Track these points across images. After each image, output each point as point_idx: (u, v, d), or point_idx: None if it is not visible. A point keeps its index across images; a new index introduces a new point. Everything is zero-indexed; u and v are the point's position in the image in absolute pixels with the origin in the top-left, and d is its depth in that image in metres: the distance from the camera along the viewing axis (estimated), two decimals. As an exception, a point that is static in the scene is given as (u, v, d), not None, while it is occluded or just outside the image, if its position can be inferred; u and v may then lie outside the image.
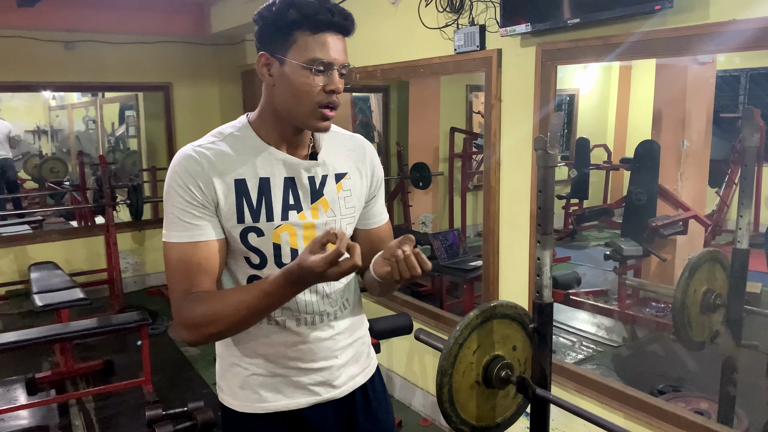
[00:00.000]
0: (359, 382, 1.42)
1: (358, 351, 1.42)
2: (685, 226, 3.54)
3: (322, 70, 1.17)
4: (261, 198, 1.23)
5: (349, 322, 1.39)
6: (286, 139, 1.27)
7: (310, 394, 1.33)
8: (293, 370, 1.31)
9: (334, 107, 1.21)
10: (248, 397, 1.32)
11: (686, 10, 1.87)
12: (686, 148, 3.56)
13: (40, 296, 3.80)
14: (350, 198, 1.33)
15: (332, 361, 1.35)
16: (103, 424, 3.28)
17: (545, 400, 1.70)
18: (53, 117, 9.92)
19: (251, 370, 1.32)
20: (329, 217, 1.29)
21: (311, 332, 1.31)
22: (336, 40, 1.19)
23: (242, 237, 1.23)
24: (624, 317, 3.66)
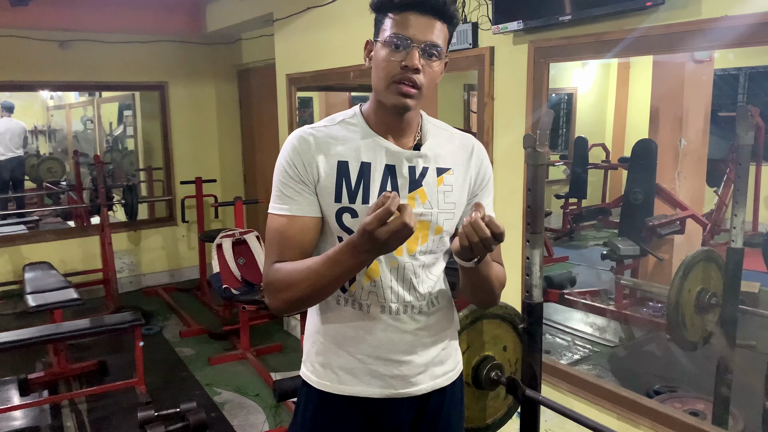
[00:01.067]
0: (439, 384, 1.38)
1: (443, 353, 1.39)
2: (682, 226, 3.51)
3: (398, 45, 1.19)
4: (360, 181, 1.26)
5: (436, 321, 1.36)
6: (392, 127, 1.29)
7: (385, 386, 1.32)
8: (372, 358, 1.31)
9: (413, 84, 1.20)
10: (327, 376, 1.34)
11: (678, 6, 1.85)
12: (684, 147, 3.54)
13: (33, 296, 3.78)
14: (450, 193, 1.31)
15: (412, 356, 1.32)
16: (95, 425, 3.26)
17: (535, 401, 1.68)
18: (51, 117, 9.91)
19: (333, 350, 1.33)
20: (426, 208, 1.28)
21: (394, 322, 1.30)
22: (421, 19, 1.19)
23: (338, 216, 1.26)
24: (620, 317, 3.64)
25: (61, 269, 4.76)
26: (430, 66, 1.21)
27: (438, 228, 1.30)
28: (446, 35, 1.24)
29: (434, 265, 1.34)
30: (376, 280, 1.28)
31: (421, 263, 1.30)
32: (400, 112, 1.25)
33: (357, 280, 1.28)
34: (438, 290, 1.36)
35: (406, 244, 1.24)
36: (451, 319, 1.43)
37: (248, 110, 5.86)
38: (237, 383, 3.71)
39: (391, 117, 1.27)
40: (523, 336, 1.73)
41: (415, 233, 1.23)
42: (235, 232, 4.00)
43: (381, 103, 1.27)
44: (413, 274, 1.30)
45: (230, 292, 3.71)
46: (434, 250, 1.31)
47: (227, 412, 3.37)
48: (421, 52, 1.20)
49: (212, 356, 4.06)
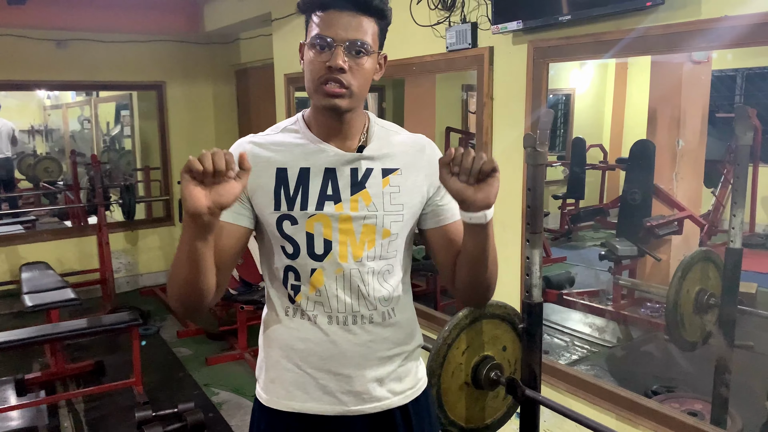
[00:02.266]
0: (396, 403, 1.30)
1: (401, 369, 1.31)
2: (680, 226, 3.52)
3: (322, 46, 1.16)
4: (298, 187, 1.22)
5: (392, 334, 1.28)
6: (333, 130, 1.24)
7: (337, 403, 1.26)
8: (322, 372, 1.25)
9: (340, 84, 1.17)
10: (277, 392, 1.29)
11: (678, 6, 1.86)
12: (681, 148, 3.54)
13: (30, 296, 3.77)
14: (398, 195, 1.25)
15: (364, 371, 1.25)
16: (92, 425, 3.25)
17: (535, 401, 1.68)
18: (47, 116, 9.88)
19: (282, 364, 1.28)
20: (370, 210, 1.22)
21: (343, 333, 1.24)
22: (344, 16, 1.16)
23: (278, 224, 1.22)
24: (618, 317, 3.64)
25: (58, 269, 4.74)
26: (358, 64, 1.17)
27: (385, 231, 1.23)
28: (376, 30, 1.20)
29: (387, 273, 1.26)
30: (320, 289, 1.22)
31: (369, 269, 1.23)
32: (333, 114, 1.21)
33: (302, 290, 1.23)
34: (395, 301, 1.28)
35: (351, 249, 1.21)
36: (412, 335, 1.35)
37: (246, 110, 5.85)
38: (235, 383, 3.70)
39: (330, 120, 1.23)
40: (522, 336, 1.73)
41: (360, 238, 1.22)
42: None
43: (317, 107, 1.24)
44: (360, 281, 1.23)
45: (228, 293, 3.70)
46: (384, 255, 1.24)
47: (225, 413, 3.36)
48: (346, 50, 1.16)
49: (210, 356, 4.05)
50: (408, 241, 1.30)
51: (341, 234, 1.21)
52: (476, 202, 1.09)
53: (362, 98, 1.23)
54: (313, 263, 1.22)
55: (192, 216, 1.03)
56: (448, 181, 1.10)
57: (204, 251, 1.08)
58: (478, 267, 1.21)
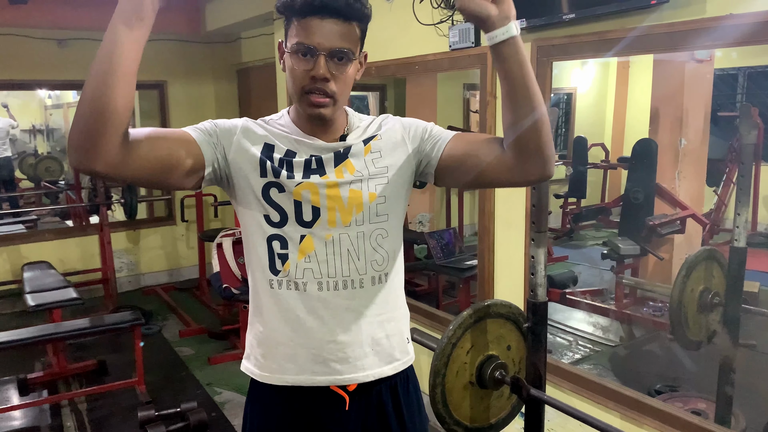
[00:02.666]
0: (386, 372, 1.32)
1: (393, 339, 1.33)
2: (682, 225, 3.52)
3: (305, 55, 1.17)
4: (283, 161, 1.24)
5: (381, 299, 1.30)
6: (318, 129, 1.27)
7: (329, 372, 1.27)
8: (313, 342, 1.26)
9: (323, 93, 1.18)
10: (270, 367, 1.30)
11: (683, 4, 1.85)
12: (684, 147, 3.54)
13: (32, 296, 3.77)
14: (380, 159, 1.28)
15: (355, 336, 1.27)
16: (95, 425, 3.25)
17: (540, 400, 1.67)
18: (48, 116, 9.88)
19: (273, 338, 1.29)
20: (356, 176, 1.25)
21: (333, 298, 1.25)
22: (324, 24, 1.16)
23: (264, 192, 1.23)
24: (621, 317, 3.64)
25: (59, 269, 4.74)
26: (340, 71, 1.19)
27: (371, 195, 1.26)
28: (356, 34, 1.20)
29: (381, 237, 1.28)
30: (310, 255, 1.24)
31: (358, 233, 1.26)
32: (317, 121, 1.25)
33: (291, 258, 1.24)
34: (388, 266, 1.31)
35: (340, 215, 1.24)
36: (403, 308, 1.38)
37: (247, 109, 5.85)
38: (237, 383, 3.70)
39: (314, 121, 1.26)
40: (527, 335, 1.72)
41: (348, 202, 1.24)
42: (235, 231, 3.99)
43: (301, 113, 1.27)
44: (350, 246, 1.25)
45: (230, 292, 3.70)
46: (373, 219, 1.27)
47: (227, 412, 3.36)
48: (328, 59, 1.17)
49: (212, 356, 4.05)
50: (399, 206, 1.32)
51: (329, 200, 1.24)
52: (501, 13, 1.08)
53: (345, 101, 1.26)
54: (302, 230, 1.24)
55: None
56: (467, 3, 1.08)
57: (124, 40, 1.00)
58: (525, 97, 1.12)
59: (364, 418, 1.33)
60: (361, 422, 1.33)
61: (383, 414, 1.34)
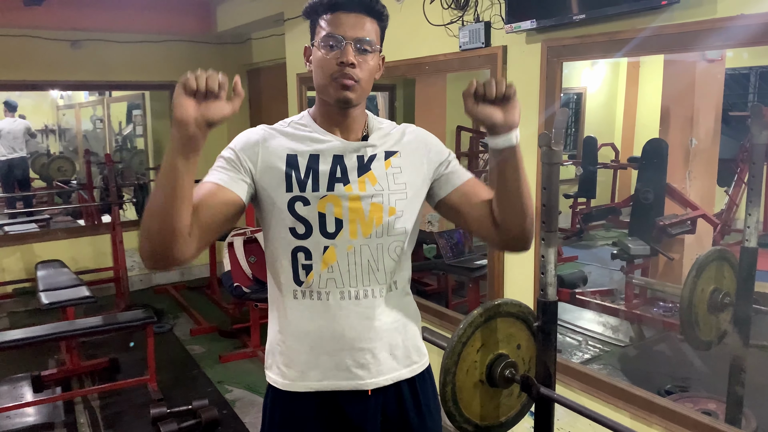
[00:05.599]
0: (404, 375, 1.38)
1: (409, 343, 1.40)
2: (693, 226, 3.50)
3: (332, 45, 1.26)
4: (309, 171, 1.29)
5: (396, 306, 1.37)
6: (339, 124, 1.34)
7: (351, 377, 1.32)
8: (335, 350, 1.31)
9: (352, 79, 1.26)
10: (292, 376, 1.34)
11: (693, 5, 1.85)
12: (695, 147, 3.53)
13: (46, 294, 3.82)
14: (400, 174, 1.34)
15: (376, 343, 1.33)
16: (107, 421, 3.28)
17: (550, 399, 1.68)
18: (61, 116, 9.97)
19: (295, 348, 1.33)
20: (377, 190, 1.31)
21: (355, 308, 1.31)
22: (350, 17, 1.27)
23: (289, 206, 1.28)
24: (631, 317, 3.63)
25: (72, 267, 4.79)
26: (365, 60, 1.28)
27: (391, 209, 1.31)
28: (377, 30, 1.31)
29: (397, 248, 1.34)
30: (332, 266, 1.29)
31: (377, 245, 1.31)
32: (344, 106, 1.30)
33: (315, 269, 1.29)
34: (402, 275, 1.38)
35: (361, 226, 1.29)
36: (412, 307, 1.44)
37: (258, 110, 5.88)
38: (248, 381, 3.72)
39: (337, 115, 1.33)
40: (537, 334, 1.73)
41: (369, 215, 1.29)
42: (246, 230, 4.02)
43: (325, 102, 1.33)
44: (370, 257, 1.31)
45: (241, 290, 3.73)
46: (391, 232, 1.32)
47: (238, 410, 3.38)
48: (354, 47, 1.26)
49: (223, 354, 4.08)
50: (415, 220, 1.37)
51: (351, 212, 1.29)
52: (506, 122, 1.21)
53: (367, 93, 1.33)
54: (325, 241, 1.28)
55: (178, 124, 1.08)
56: (475, 109, 1.20)
57: (183, 171, 1.10)
58: (515, 196, 1.28)
59: (384, 407, 1.37)
60: (381, 411, 1.37)
61: (402, 402, 1.39)
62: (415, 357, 1.42)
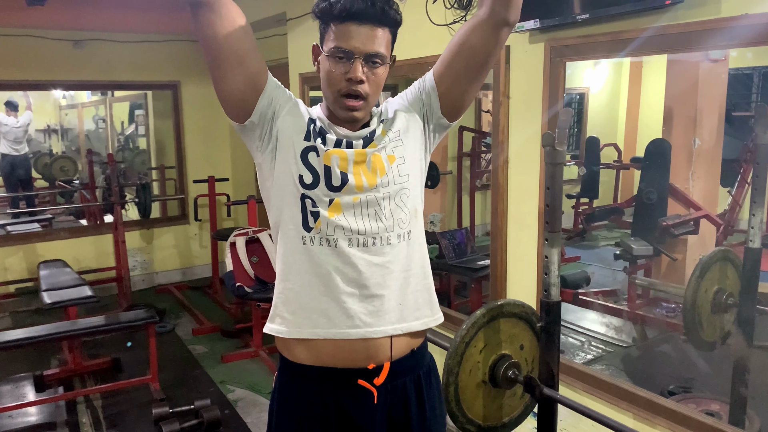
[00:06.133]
0: (415, 327, 1.38)
1: (418, 295, 1.39)
2: (696, 226, 3.49)
3: (341, 58, 1.25)
4: (320, 132, 1.34)
5: (407, 255, 1.37)
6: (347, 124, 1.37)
7: (361, 324, 1.32)
8: (344, 295, 1.31)
9: (358, 96, 1.27)
10: (299, 323, 1.34)
11: (698, 4, 1.85)
12: (698, 147, 3.52)
13: (48, 294, 3.82)
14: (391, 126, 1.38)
15: (385, 290, 1.33)
16: (110, 421, 3.29)
17: (553, 399, 1.68)
18: (63, 116, 9.98)
19: (305, 293, 1.33)
20: (378, 147, 1.35)
21: (363, 254, 1.31)
22: (361, 29, 1.25)
23: (303, 154, 1.31)
24: (634, 317, 3.62)
25: (74, 267, 4.79)
26: (374, 74, 1.29)
27: (390, 157, 1.35)
28: (389, 39, 1.31)
29: (405, 195, 1.36)
30: (339, 216, 1.31)
31: (384, 194, 1.33)
32: (350, 121, 1.34)
33: (321, 215, 1.30)
34: (411, 223, 1.38)
35: (365, 178, 1.32)
36: (424, 262, 1.43)
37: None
38: (250, 381, 3.72)
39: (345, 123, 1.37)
40: (540, 335, 1.73)
41: (372, 166, 1.32)
42: (248, 230, 4.01)
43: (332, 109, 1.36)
44: (377, 206, 1.33)
45: (243, 290, 3.72)
46: (396, 179, 1.35)
47: (240, 410, 3.38)
48: (364, 62, 1.25)
49: (225, 354, 4.08)
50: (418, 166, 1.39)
51: (355, 166, 1.32)
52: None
53: (375, 102, 1.35)
54: (330, 194, 1.31)
55: None
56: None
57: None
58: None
59: (390, 410, 1.37)
60: (387, 414, 1.37)
61: (407, 405, 1.39)
62: (426, 311, 1.41)
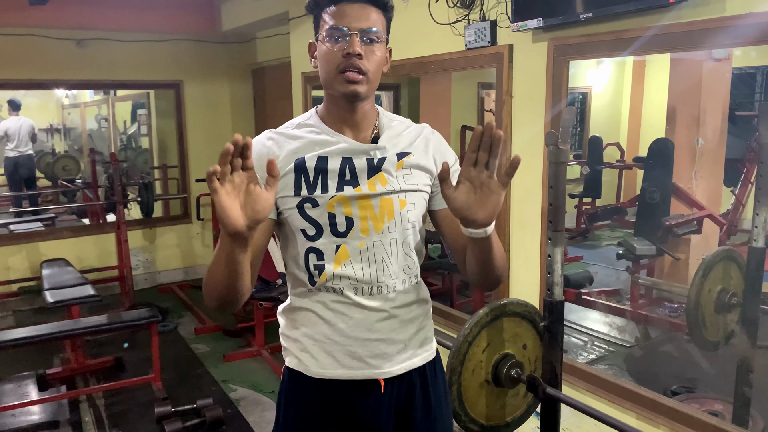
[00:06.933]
0: (417, 363, 1.38)
1: (422, 333, 1.40)
2: (699, 226, 3.48)
3: (338, 38, 1.23)
4: (318, 173, 1.28)
5: (410, 297, 1.36)
6: (347, 121, 1.31)
7: (365, 367, 1.32)
8: (350, 339, 1.31)
9: (357, 70, 1.23)
10: (307, 362, 1.34)
11: (701, 3, 1.84)
12: (701, 147, 3.51)
13: (51, 293, 3.82)
14: (410, 176, 1.32)
15: (391, 335, 1.33)
16: (112, 420, 3.29)
17: (556, 399, 1.67)
18: (66, 115, 9.99)
19: (310, 335, 1.33)
20: (387, 189, 1.29)
21: (369, 302, 1.30)
22: (355, 8, 1.24)
23: (299, 208, 1.27)
24: (637, 317, 3.62)
25: (77, 266, 4.80)
26: (371, 51, 1.25)
27: (402, 201, 1.30)
28: (383, 21, 1.28)
29: (409, 242, 1.33)
30: (345, 264, 1.28)
31: (391, 240, 1.30)
32: (352, 100, 1.27)
33: (327, 269, 1.28)
34: (416, 268, 1.37)
35: (372, 223, 1.28)
36: (425, 296, 1.42)
37: (263, 109, 5.88)
38: (252, 380, 3.72)
39: (345, 111, 1.29)
40: (543, 334, 1.72)
41: (380, 211, 1.28)
42: (250, 229, 4.01)
43: (333, 98, 1.30)
44: (384, 252, 1.30)
45: (246, 290, 3.72)
46: (404, 225, 1.31)
47: (243, 409, 3.38)
48: (360, 38, 1.23)
49: (227, 353, 4.08)
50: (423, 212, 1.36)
51: (361, 210, 1.27)
52: (477, 221, 1.14)
53: (376, 86, 1.29)
54: (337, 240, 1.28)
55: (232, 236, 1.07)
56: (450, 197, 1.13)
57: (242, 259, 1.12)
58: (485, 266, 1.26)
59: (396, 403, 1.37)
60: (394, 407, 1.37)
61: (411, 395, 1.39)
62: (426, 346, 1.42)
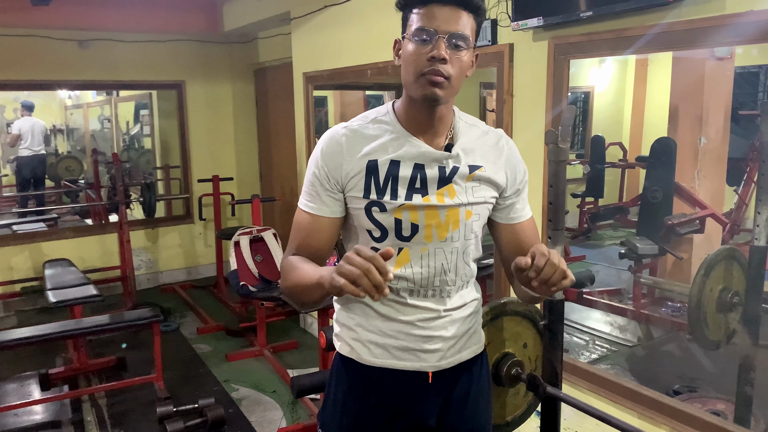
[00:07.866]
0: (465, 357, 1.41)
1: (471, 331, 1.42)
2: (702, 225, 3.47)
3: (425, 39, 1.20)
4: (388, 178, 1.28)
5: (464, 299, 1.39)
6: (423, 125, 1.30)
7: (416, 360, 1.35)
8: (402, 334, 1.34)
9: (441, 75, 1.21)
10: (360, 350, 1.37)
11: (702, 1, 1.84)
12: (703, 146, 3.50)
13: (53, 293, 3.83)
14: (479, 189, 1.33)
15: (443, 332, 1.35)
16: (114, 419, 3.29)
17: (556, 398, 1.67)
18: (69, 116, 10.01)
19: (363, 326, 1.36)
20: (455, 201, 1.30)
21: (424, 303, 1.34)
22: (445, 10, 1.21)
23: (366, 210, 1.29)
24: (639, 316, 3.61)
25: (79, 266, 4.81)
26: (458, 57, 1.21)
27: (468, 212, 1.31)
28: (473, 26, 1.24)
29: (466, 250, 1.35)
30: (405, 266, 1.31)
31: (452, 249, 1.32)
32: (431, 104, 1.25)
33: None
34: (469, 275, 1.39)
35: (437, 231, 1.29)
36: (478, 296, 1.45)
37: (264, 109, 5.89)
38: (254, 380, 3.73)
39: (423, 113, 1.28)
40: (544, 333, 1.72)
41: (446, 220, 1.29)
42: (252, 229, 4.02)
43: (412, 99, 1.28)
44: (444, 260, 1.32)
45: (248, 289, 3.73)
46: (466, 235, 1.33)
47: (245, 409, 3.39)
48: (447, 42, 1.20)
49: (229, 353, 4.08)
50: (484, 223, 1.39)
51: (427, 218, 1.29)
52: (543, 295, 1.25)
53: (457, 91, 1.27)
54: (400, 243, 1.30)
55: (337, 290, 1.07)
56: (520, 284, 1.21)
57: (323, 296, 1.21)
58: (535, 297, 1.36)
59: (442, 392, 1.40)
60: (441, 397, 1.39)
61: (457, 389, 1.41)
62: (475, 340, 1.44)
